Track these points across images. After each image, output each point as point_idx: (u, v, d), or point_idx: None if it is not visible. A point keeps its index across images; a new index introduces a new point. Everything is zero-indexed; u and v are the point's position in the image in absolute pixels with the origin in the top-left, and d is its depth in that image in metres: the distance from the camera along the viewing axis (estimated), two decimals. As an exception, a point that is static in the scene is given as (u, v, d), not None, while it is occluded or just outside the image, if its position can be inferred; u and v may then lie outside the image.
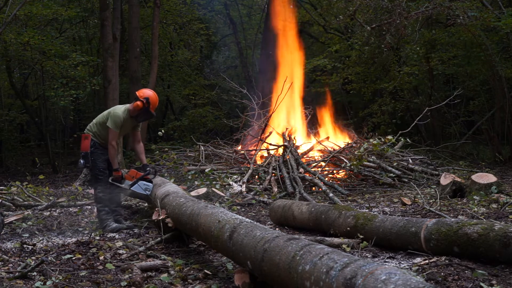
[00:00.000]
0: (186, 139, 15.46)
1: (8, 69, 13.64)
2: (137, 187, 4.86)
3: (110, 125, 4.78)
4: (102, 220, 4.89)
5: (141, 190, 4.87)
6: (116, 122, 4.78)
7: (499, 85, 10.01)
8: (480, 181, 5.69)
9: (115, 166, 4.84)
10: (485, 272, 2.83)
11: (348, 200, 6.33)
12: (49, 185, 9.15)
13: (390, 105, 13.38)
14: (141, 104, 4.81)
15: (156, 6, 12.71)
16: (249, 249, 2.69)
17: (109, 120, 4.80)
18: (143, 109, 4.83)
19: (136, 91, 4.99)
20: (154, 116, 5.11)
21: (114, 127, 4.78)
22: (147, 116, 4.99)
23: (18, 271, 3.27)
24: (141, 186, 4.86)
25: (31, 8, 11.08)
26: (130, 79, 12.54)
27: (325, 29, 16.14)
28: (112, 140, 4.78)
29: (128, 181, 4.87)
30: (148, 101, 4.81)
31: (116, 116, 4.78)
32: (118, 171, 4.85)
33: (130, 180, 4.87)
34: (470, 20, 8.60)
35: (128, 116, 4.89)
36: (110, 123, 4.79)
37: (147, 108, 4.83)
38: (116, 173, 4.85)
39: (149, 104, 4.83)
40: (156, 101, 4.94)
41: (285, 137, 8.62)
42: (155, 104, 4.91)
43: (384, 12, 9.20)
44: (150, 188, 4.88)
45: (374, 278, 1.82)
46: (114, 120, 4.78)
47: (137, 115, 4.91)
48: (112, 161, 4.84)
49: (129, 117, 4.90)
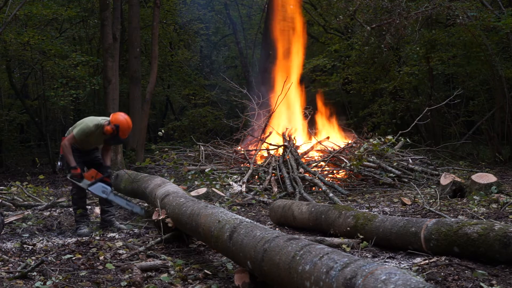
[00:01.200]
0: (186, 139, 15.48)
1: (8, 69, 13.64)
2: (95, 188, 4.85)
3: (74, 131, 4.80)
4: (76, 221, 4.91)
5: (99, 192, 4.86)
6: (82, 130, 4.77)
7: (499, 85, 10.01)
8: (480, 181, 5.69)
9: (72, 164, 4.79)
10: (485, 272, 2.83)
11: (348, 200, 6.33)
12: (49, 185, 9.15)
13: (390, 105, 13.38)
14: (111, 130, 4.78)
15: (156, 6, 12.71)
16: (249, 249, 2.69)
17: (78, 126, 4.82)
18: (112, 134, 4.81)
19: (111, 114, 4.93)
20: (124, 142, 5.12)
21: (76, 133, 4.78)
22: (116, 141, 4.97)
23: (18, 271, 3.27)
24: (99, 188, 4.86)
25: (31, 8, 11.07)
26: (130, 79, 12.54)
27: (325, 29, 16.15)
28: (66, 141, 4.78)
29: (86, 181, 4.84)
30: (118, 128, 4.77)
31: (85, 126, 4.78)
32: (76, 169, 4.79)
33: (89, 179, 4.85)
34: (469, 20, 8.60)
35: (100, 131, 4.86)
36: (76, 129, 4.80)
37: (116, 135, 4.80)
38: (74, 170, 4.79)
39: (118, 132, 4.79)
40: (128, 128, 4.87)
41: (285, 137, 8.62)
42: (126, 131, 4.86)
43: (384, 12, 9.20)
44: (108, 191, 4.88)
45: (374, 278, 1.82)
46: (81, 128, 4.78)
47: (107, 138, 4.91)
48: (67, 160, 4.80)
49: (100, 132, 4.87)
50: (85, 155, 4.97)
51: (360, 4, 9.05)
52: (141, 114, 12.43)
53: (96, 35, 15.77)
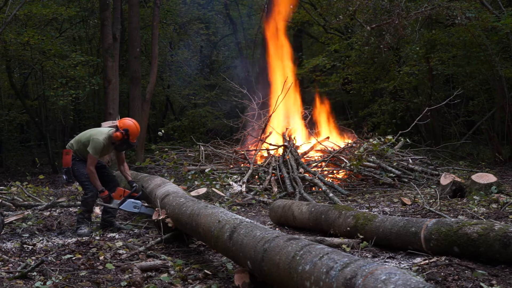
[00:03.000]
0: (186, 139, 15.47)
1: (8, 69, 13.64)
2: (126, 206, 4.89)
3: (90, 151, 4.81)
4: (78, 221, 4.91)
5: (130, 208, 4.90)
6: (96, 148, 4.80)
7: (499, 85, 10.01)
8: (480, 181, 5.69)
9: (99, 188, 4.85)
10: (485, 272, 2.83)
11: (348, 200, 6.33)
12: (49, 185, 9.15)
13: (390, 105, 13.38)
14: (121, 135, 4.82)
15: (156, 6, 12.71)
16: (249, 249, 2.69)
17: (90, 145, 4.82)
18: (122, 140, 4.84)
19: (119, 120, 4.97)
20: (134, 146, 5.12)
21: (94, 153, 4.80)
22: (127, 146, 5.00)
23: (18, 271, 3.27)
24: (130, 205, 4.89)
25: (30, 7, 11.07)
26: (130, 79, 12.54)
27: (325, 29, 16.14)
28: (90, 165, 4.80)
29: (116, 201, 4.89)
30: (127, 132, 4.82)
31: (97, 143, 4.80)
32: (103, 192, 4.87)
33: (118, 199, 4.89)
34: (468, 20, 8.59)
35: (109, 142, 4.90)
36: (90, 148, 4.81)
37: (126, 139, 4.84)
38: (102, 194, 4.87)
39: (129, 136, 4.84)
40: (137, 131, 4.92)
41: (285, 137, 8.63)
42: (135, 135, 4.91)
43: (384, 12, 9.20)
44: (139, 205, 4.90)
45: (374, 278, 1.82)
46: (95, 146, 4.80)
47: (117, 145, 4.93)
48: (94, 185, 4.85)
49: (110, 143, 4.92)
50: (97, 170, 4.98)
51: (360, 4, 9.05)
52: (141, 114, 12.42)
53: (96, 35, 15.78)
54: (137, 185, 5.07)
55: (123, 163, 5.19)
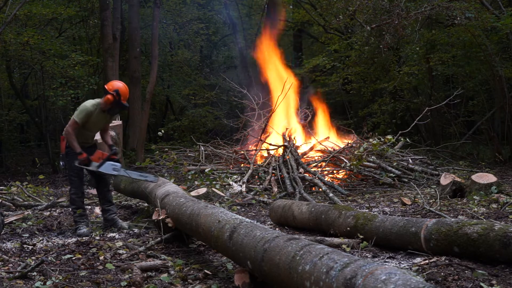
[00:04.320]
0: (186, 139, 15.46)
1: (8, 69, 13.64)
2: (105, 168, 4.81)
3: (74, 115, 4.72)
4: (75, 221, 4.88)
5: (109, 170, 4.82)
6: (81, 111, 4.69)
7: (499, 85, 10.01)
8: (480, 181, 5.69)
9: (77, 150, 4.72)
10: (485, 272, 2.83)
11: (348, 200, 6.33)
12: (49, 185, 9.15)
13: (390, 105, 13.38)
14: (112, 97, 4.73)
15: (156, 6, 12.72)
16: (249, 249, 2.69)
17: (76, 111, 4.75)
18: (114, 101, 4.75)
19: (105, 85, 4.88)
20: (127, 107, 5.04)
21: (76, 116, 4.69)
22: (120, 107, 4.88)
23: (18, 271, 3.27)
24: (109, 166, 4.82)
25: (30, 7, 11.07)
26: (130, 79, 12.54)
27: (325, 29, 16.14)
28: (68, 126, 4.69)
29: (95, 163, 4.80)
30: (118, 93, 4.73)
31: (84, 107, 4.71)
32: (82, 154, 4.73)
33: (97, 161, 4.81)
34: (468, 20, 8.59)
35: (100, 110, 4.81)
36: (75, 114, 4.72)
37: (118, 100, 4.75)
38: (80, 156, 4.73)
39: (120, 96, 4.74)
40: (127, 92, 4.85)
41: (285, 137, 8.62)
42: (126, 95, 4.83)
43: (384, 12, 9.20)
44: (118, 167, 4.83)
45: (374, 278, 1.82)
46: (80, 110, 4.70)
47: (109, 108, 4.83)
48: (72, 146, 4.72)
49: (100, 112, 4.82)
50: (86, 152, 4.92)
51: (360, 4, 9.05)
52: (141, 114, 12.44)
53: (96, 35, 15.77)
54: (116, 148, 5.00)
55: (106, 131, 5.13)
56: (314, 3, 15.88)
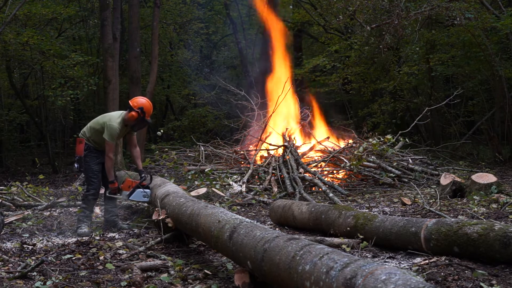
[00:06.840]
0: (186, 139, 15.46)
1: (8, 69, 13.63)
2: (136, 196, 4.84)
3: (106, 137, 4.76)
4: (78, 220, 4.90)
5: (140, 198, 4.85)
6: (112, 134, 4.76)
7: (499, 85, 10.01)
8: (480, 181, 5.69)
9: (111, 178, 4.81)
10: (485, 272, 2.83)
11: (348, 200, 6.33)
12: (49, 185, 9.14)
13: (390, 105, 13.38)
14: (136, 114, 4.79)
15: (156, 6, 12.71)
16: (249, 249, 2.69)
17: (106, 132, 4.77)
18: (138, 118, 4.82)
19: (130, 100, 4.94)
20: (150, 123, 5.10)
21: (110, 139, 4.75)
22: (143, 125, 4.97)
23: (18, 271, 3.27)
24: (140, 194, 4.85)
25: (30, 7, 11.07)
26: (130, 79, 12.53)
27: (325, 29, 16.13)
28: (109, 152, 4.76)
29: (125, 192, 4.84)
30: (143, 110, 4.79)
31: (112, 128, 4.76)
32: (114, 183, 4.83)
33: (127, 190, 4.84)
34: (468, 21, 8.59)
35: (123, 124, 4.88)
36: (106, 135, 4.76)
37: (142, 117, 4.82)
38: (112, 185, 4.83)
39: (144, 114, 4.81)
40: (151, 108, 4.91)
41: (285, 137, 8.62)
42: (150, 111, 4.90)
43: (383, 12, 9.20)
44: (148, 194, 4.86)
45: (374, 278, 1.82)
46: (110, 133, 4.75)
47: (133, 125, 4.90)
48: (108, 173, 4.81)
49: (124, 126, 4.89)
50: (101, 155, 4.95)
51: (360, 4, 9.05)
52: (141, 114, 12.36)
53: (96, 35, 15.76)
54: (146, 175, 5.01)
55: (135, 147, 5.15)
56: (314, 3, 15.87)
